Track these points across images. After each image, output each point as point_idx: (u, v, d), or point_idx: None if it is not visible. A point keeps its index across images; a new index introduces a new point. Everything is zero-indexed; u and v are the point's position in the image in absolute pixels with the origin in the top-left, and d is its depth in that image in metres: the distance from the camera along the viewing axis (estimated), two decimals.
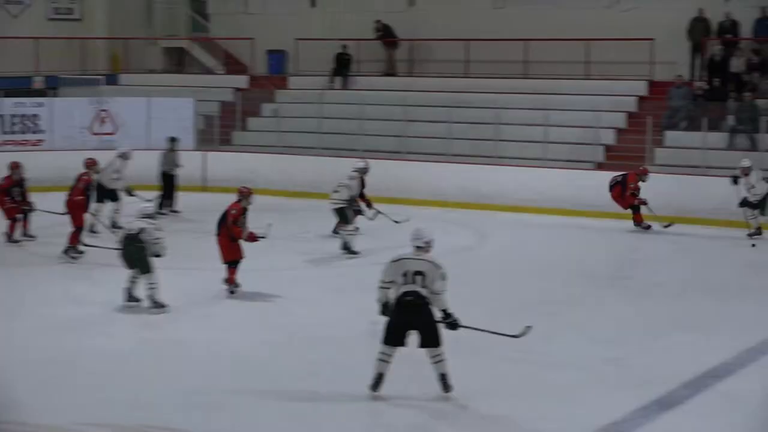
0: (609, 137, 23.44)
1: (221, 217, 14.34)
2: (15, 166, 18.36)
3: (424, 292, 9.72)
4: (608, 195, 20.12)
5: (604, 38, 24.77)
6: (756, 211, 18.90)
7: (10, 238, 18.27)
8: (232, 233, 14.11)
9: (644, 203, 19.57)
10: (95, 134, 25.90)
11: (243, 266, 14.53)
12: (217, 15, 31.91)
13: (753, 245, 18.41)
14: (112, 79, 29.71)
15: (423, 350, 9.88)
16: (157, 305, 13.59)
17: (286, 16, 29.91)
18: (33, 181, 20.55)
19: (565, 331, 13.12)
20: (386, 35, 28.22)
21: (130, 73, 30.39)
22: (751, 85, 22.93)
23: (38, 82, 28.11)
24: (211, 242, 14.65)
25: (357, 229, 17.79)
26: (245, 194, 14.57)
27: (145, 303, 13.71)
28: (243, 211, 14.37)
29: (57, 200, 18.15)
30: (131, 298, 13.81)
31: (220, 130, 26.75)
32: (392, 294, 9.89)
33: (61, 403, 9.92)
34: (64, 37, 29.83)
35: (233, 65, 30.47)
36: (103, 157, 19.63)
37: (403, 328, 9.81)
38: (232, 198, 15.11)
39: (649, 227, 19.71)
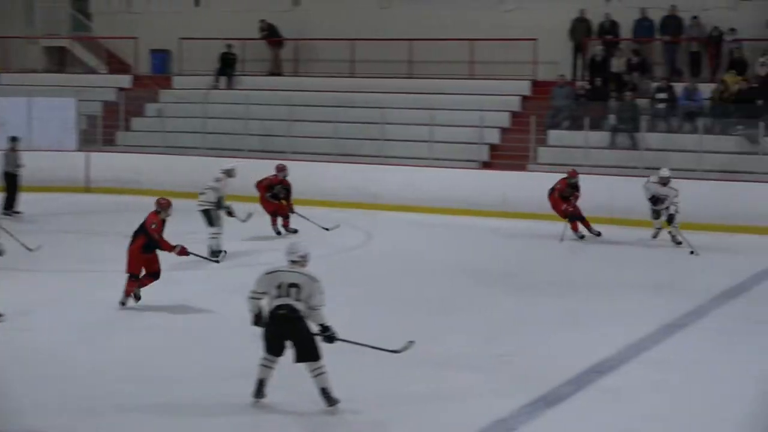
0: (494, 137, 23.68)
1: (139, 228, 13.58)
2: None
3: (298, 305, 9.36)
4: (493, 194, 20.33)
5: (488, 38, 25.09)
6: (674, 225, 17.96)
7: None
8: (160, 246, 13.51)
9: (571, 211, 18.67)
10: None
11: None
12: (99, 14, 31.59)
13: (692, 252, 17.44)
14: None
15: (301, 364, 9.49)
16: None
17: (170, 15, 29.80)
18: None
19: (454, 330, 13.15)
20: (271, 35, 28.22)
21: (10, 73, 29.89)
22: (632, 85, 23.40)
23: None
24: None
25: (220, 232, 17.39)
26: (164, 206, 13.86)
27: None
28: (162, 223, 13.71)
29: None
30: None
31: (103, 130, 26.53)
32: (265, 305, 9.55)
33: None
34: None
35: (116, 65, 30.29)
36: None
37: (279, 339, 9.47)
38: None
39: (597, 235, 19.05)
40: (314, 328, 9.53)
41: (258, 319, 9.62)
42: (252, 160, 23.28)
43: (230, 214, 17.69)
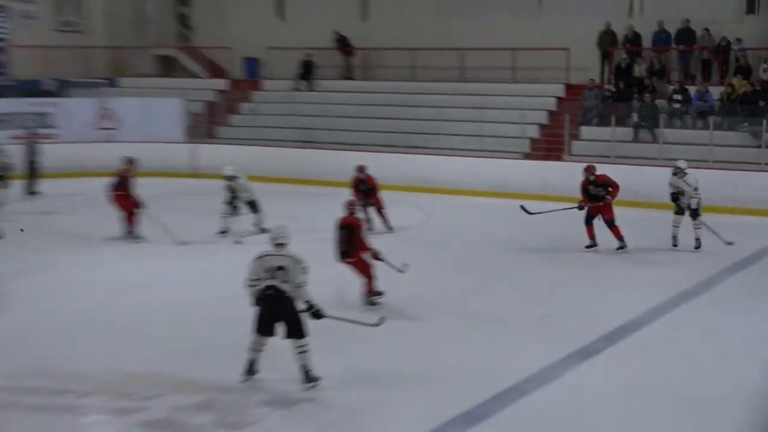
0: (534, 132, 23.56)
1: (349, 233, 12.03)
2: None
3: (284, 286, 8.90)
4: (534, 180, 20.41)
5: (528, 48, 24.96)
6: (699, 220, 15.87)
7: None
8: (360, 248, 12.03)
9: (581, 207, 16.02)
10: (100, 129, 25.81)
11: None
12: (200, 27, 31.76)
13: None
14: (113, 83, 29.58)
15: (288, 341, 9.06)
16: None
17: (259, 28, 29.85)
18: (47, 169, 20.59)
19: (502, 293, 13.31)
20: (344, 45, 28.29)
21: (127, 77, 30.13)
22: (651, 88, 22.99)
23: (48, 85, 27.81)
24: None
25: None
26: (355, 208, 12.56)
27: None
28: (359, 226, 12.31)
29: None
30: None
31: (206, 125, 26.72)
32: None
33: None
34: (69, 46, 29.55)
35: (215, 70, 30.46)
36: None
37: (269, 320, 9.01)
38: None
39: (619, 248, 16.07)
40: (301, 306, 9.04)
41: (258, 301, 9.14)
42: (328, 150, 23.67)
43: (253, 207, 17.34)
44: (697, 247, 15.80)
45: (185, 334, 11.02)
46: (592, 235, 15.88)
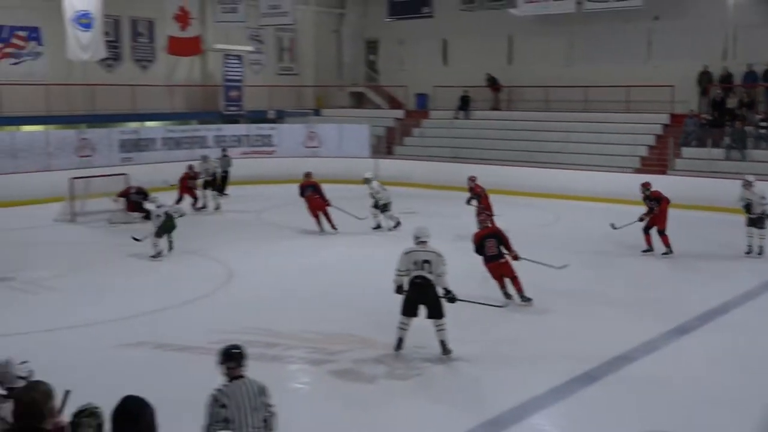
0: (643, 151, 23.09)
1: (498, 240, 11.10)
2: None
3: (429, 276, 8.71)
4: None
5: (640, 85, 24.37)
6: (765, 230, 14.55)
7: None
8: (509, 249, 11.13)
9: (642, 219, 14.75)
10: (307, 147, 26.63)
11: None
12: (383, 70, 32.26)
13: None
14: (317, 113, 30.31)
15: (429, 321, 8.91)
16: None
17: (427, 71, 29.98)
18: (266, 177, 21.43)
19: (616, 279, 13.13)
20: (493, 83, 28.19)
21: (328, 108, 30.93)
22: (741, 117, 22.36)
23: (271, 114, 28.87)
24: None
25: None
26: (487, 218, 12.06)
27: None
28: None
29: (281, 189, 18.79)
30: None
31: (386, 145, 27.21)
32: (406, 279, 8.87)
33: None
34: (287, 85, 30.54)
35: (394, 103, 30.73)
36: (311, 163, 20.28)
37: (415, 303, 8.83)
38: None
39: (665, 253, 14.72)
40: (440, 291, 8.83)
41: (399, 290, 8.95)
42: (476, 164, 23.71)
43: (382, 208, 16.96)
44: (759, 253, 14.67)
45: (362, 303, 11.14)
46: (649, 242, 14.75)
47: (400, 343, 9.00)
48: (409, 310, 8.89)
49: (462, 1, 26.52)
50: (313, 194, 16.75)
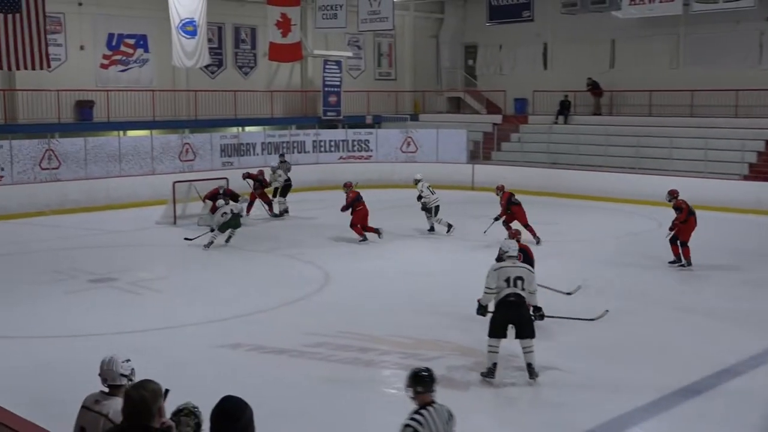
0: (752, 157, 22.39)
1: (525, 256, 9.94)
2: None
3: (523, 294, 8.27)
4: (751, 197, 19.23)
5: (748, 89, 23.64)
6: None
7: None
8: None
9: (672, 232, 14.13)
10: (403, 152, 26.73)
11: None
12: (481, 75, 32.11)
13: None
14: (414, 118, 30.43)
15: (518, 341, 8.41)
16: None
17: (527, 75, 29.87)
18: (363, 181, 21.60)
19: (711, 286, 12.77)
20: (594, 87, 27.75)
21: (425, 113, 31.03)
22: None
23: (369, 119, 29.09)
24: None
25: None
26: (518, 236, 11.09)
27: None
28: None
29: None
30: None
31: (483, 150, 27.05)
32: (492, 299, 8.42)
33: None
34: (384, 90, 30.78)
35: (492, 108, 30.55)
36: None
37: (506, 323, 8.33)
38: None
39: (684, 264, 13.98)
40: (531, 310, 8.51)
41: (482, 309, 8.57)
42: (574, 171, 23.38)
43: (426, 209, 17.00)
44: None
45: (454, 310, 10.99)
46: (676, 253, 14.05)
47: (494, 369, 8.47)
48: (499, 332, 8.42)
49: (563, 5, 26.13)
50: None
